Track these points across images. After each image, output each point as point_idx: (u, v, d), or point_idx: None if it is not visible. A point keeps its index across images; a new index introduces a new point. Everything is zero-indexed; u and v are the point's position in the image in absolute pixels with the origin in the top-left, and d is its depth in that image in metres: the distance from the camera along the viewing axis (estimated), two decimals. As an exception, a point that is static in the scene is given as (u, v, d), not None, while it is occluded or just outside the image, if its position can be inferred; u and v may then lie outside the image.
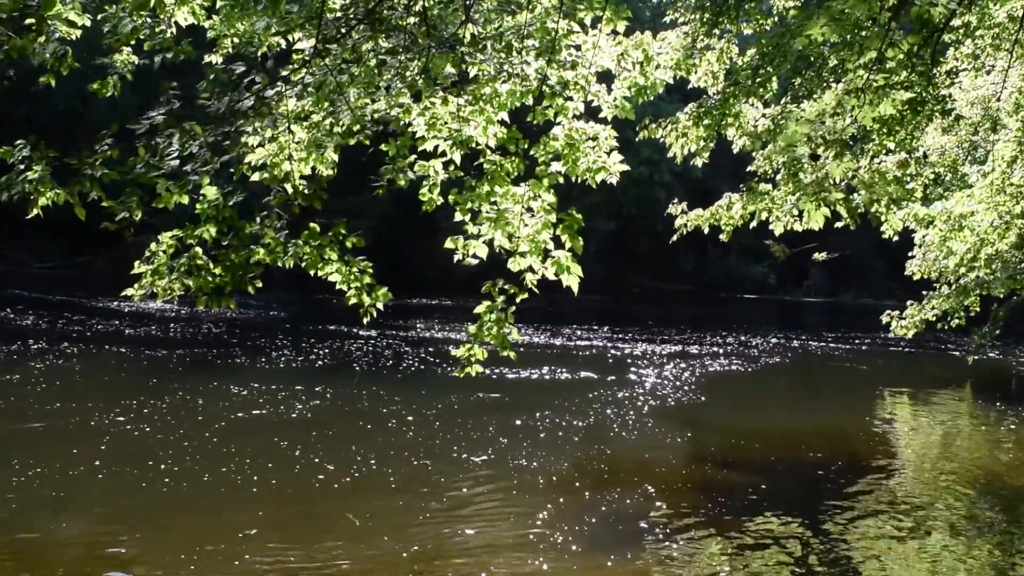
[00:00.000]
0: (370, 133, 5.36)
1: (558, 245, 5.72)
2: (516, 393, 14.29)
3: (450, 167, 5.76)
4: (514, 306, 5.80)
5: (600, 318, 31.22)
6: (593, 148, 5.96)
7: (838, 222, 8.93)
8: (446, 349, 18.64)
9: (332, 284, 5.50)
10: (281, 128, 5.21)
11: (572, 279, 5.59)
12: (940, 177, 11.81)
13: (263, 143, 5.36)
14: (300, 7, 5.36)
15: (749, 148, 8.86)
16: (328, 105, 5.26)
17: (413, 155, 5.67)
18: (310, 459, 9.33)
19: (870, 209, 8.78)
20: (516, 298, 5.73)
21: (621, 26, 6.32)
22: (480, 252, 5.74)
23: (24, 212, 4.66)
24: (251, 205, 5.02)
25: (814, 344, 25.89)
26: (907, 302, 14.57)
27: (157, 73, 6.69)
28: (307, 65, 5.17)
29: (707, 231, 9.88)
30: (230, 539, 6.75)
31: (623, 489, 8.84)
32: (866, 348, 25.42)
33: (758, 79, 8.07)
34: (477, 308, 5.81)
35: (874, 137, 7.90)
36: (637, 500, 8.53)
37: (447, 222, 7.28)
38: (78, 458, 8.79)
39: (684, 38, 8.20)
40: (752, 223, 9.43)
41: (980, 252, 12.36)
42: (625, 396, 14.49)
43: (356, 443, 10.16)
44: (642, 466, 9.92)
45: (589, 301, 36.69)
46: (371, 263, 5.53)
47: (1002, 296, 13.47)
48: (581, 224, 5.68)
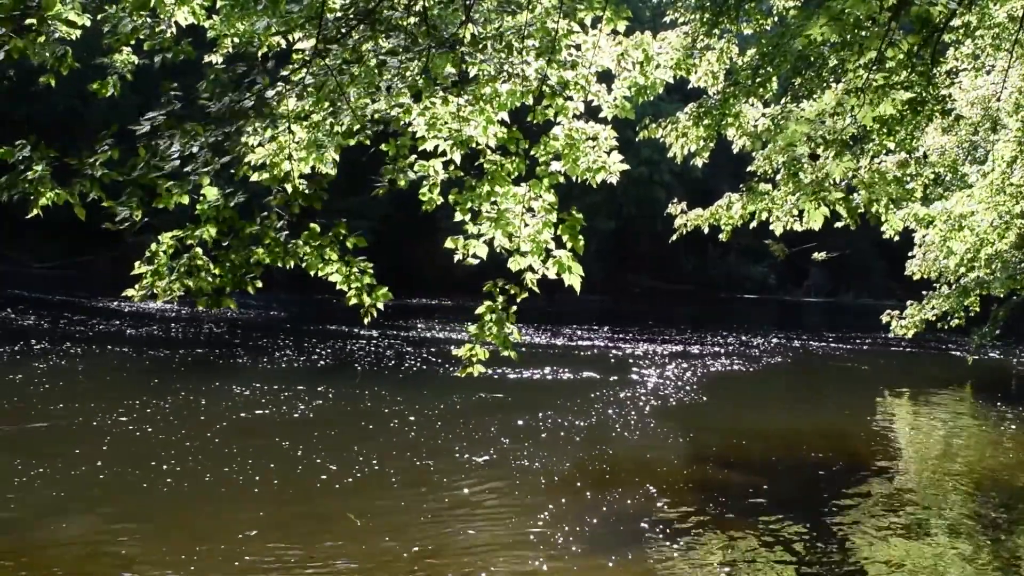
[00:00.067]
0: (370, 133, 5.37)
1: (559, 245, 5.73)
2: (517, 393, 14.29)
3: (450, 167, 5.76)
4: (515, 306, 5.80)
5: (600, 318, 31.22)
6: (593, 148, 5.96)
7: (838, 222, 8.94)
8: (447, 349, 18.63)
9: (332, 284, 5.50)
10: (281, 128, 5.21)
11: (574, 278, 5.60)
12: (940, 177, 11.81)
13: (263, 143, 5.36)
14: (300, 7, 5.36)
15: (749, 148, 8.86)
16: (328, 105, 5.26)
17: (413, 155, 5.68)
18: (311, 459, 9.33)
19: (870, 209, 8.78)
20: (517, 298, 5.73)
21: (621, 26, 6.33)
22: (480, 252, 5.74)
23: (24, 212, 4.66)
24: (252, 205, 5.02)
25: (814, 344, 25.89)
26: (907, 302, 14.58)
27: (157, 73, 6.69)
28: (307, 65, 5.17)
29: (707, 231, 9.89)
30: (231, 539, 6.75)
31: (624, 489, 8.84)
32: (866, 348, 25.42)
33: (758, 79, 8.07)
34: (478, 308, 5.82)
35: (874, 137, 7.90)
36: (638, 500, 8.53)
37: (447, 222, 7.27)
38: (80, 458, 8.79)
39: (684, 38, 8.20)
40: (752, 223, 9.43)
41: (980, 252, 12.36)
42: (626, 396, 14.49)
43: (357, 443, 10.16)
44: (643, 466, 9.92)
45: (589, 301, 36.68)
46: (371, 263, 5.53)
47: (1002, 296, 13.47)
48: (583, 224, 5.69)
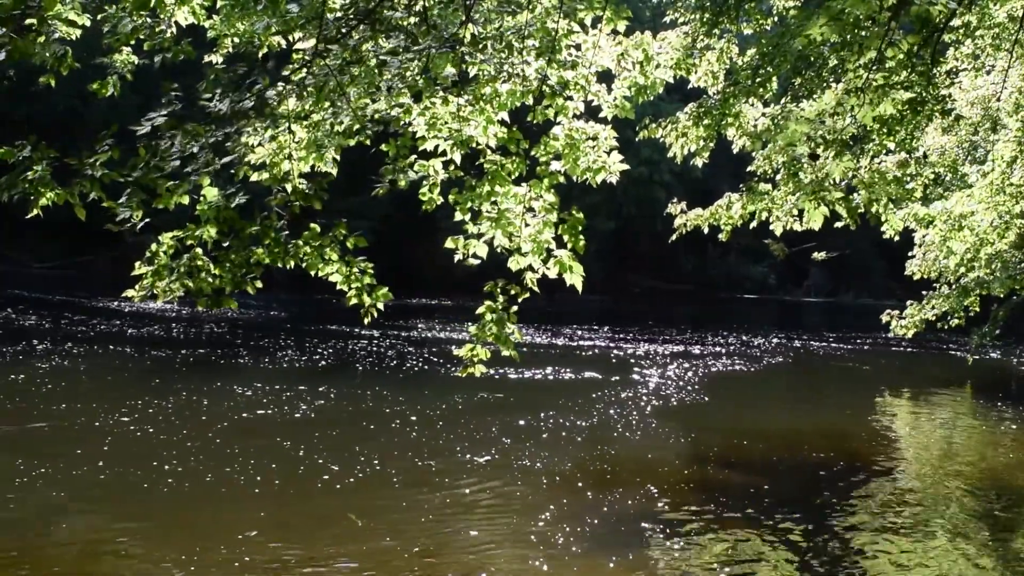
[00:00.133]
0: (371, 133, 5.37)
1: (560, 245, 5.73)
2: (518, 393, 14.29)
3: (450, 167, 5.76)
4: (516, 306, 5.80)
5: (600, 318, 31.22)
6: (593, 148, 5.96)
7: (838, 222, 8.94)
8: (447, 349, 18.63)
9: (332, 284, 5.49)
10: (281, 128, 5.21)
11: (576, 278, 5.60)
12: (940, 177, 11.81)
13: (263, 143, 5.36)
14: (300, 7, 5.37)
15: (749, 148, 8.85)
16: (328, 105, 5.26)
17: (413, 155, 5.67)
18: (312, 459, 9.33)
19: (870, 209, 8.78)
20: (518, 298, 5.73)
21: (621, 26, 6.33)
22: (480, 252, 5.74)
23: (24, 212, 4.66)
24: (252, 205, 5.02)
25: (815, 344, 25.89)
26: (907, 302, 14.57)
27: (157, 73, 6.69)
28: (308, 65, 5.17)
29: (707, 231, 9.89)
30: (232, 539, 6.75)
31: (625, 489, 8.84)
32: (866, 348, 25.42)
33: (758, 79, 8.07)
34: (479, 308, 5.82)
35: (874, 137, 7.90)
36: (639, 500, 8.53)
37: (447, 222, 7.27)
38: (81, 458, 8.79)
39: (684, 38, 8.20)
40: (752, 223, 9.43)
41: (980, 252, 12.37)
42: (627, 396, 14.49)
43: (358, 443, 10.16)
44: (644, 466, 9.92)
45: (589, 301, 36.68)
46: (371, 263, 5.53)
47: (1002, 296, 13.47)
48: (584, 224, 5.69)
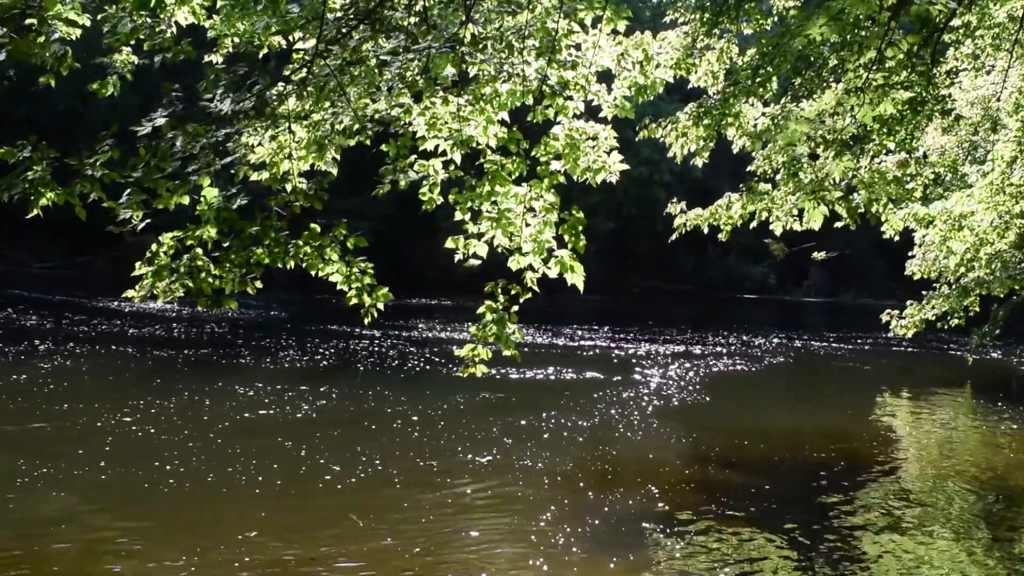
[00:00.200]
0: (371, 133, 5.37)
1: (561, 245, 5.73)
2: (520, 393, 14.29)
3: (450, 167, 5.76)
4: (517, 306, 5.80)
5: (600, 318, 31.22)
6: (593, 148, 5.96)
7: (838, 222, 8.95)
8: (448, 349, 18.63)
9: (332, 284, 5.50)
10: (282, 128, 5.21)
11: (577, 278, 5.60)
12: (940, 177, 11.82)
13: (263, 143, 5.36)
14: (301, 7, 5.37)
15: (749, 148, 8.86)
16: (329, 105, 5.27)
17: (413, 155, 5.68)
18: (314, 459, 9.32)
19: (869, 209, 8.79)
20: (520, 298, 5.73)
21: (621, 26, 6.33)
22: (480, 252, 5.74)
23: (24, 212, 4.66)
24: (252, 206, 5.02)
25: (815, 344, 25.90)
26: (907, 302, 14.57)
27: (157, 73, 6.70)
28: (308, 66, 5.17)
29: (706, 231, 9.89)
30: (233, 539, 6.75)
31: (626, 489, 8.84)
32: (866, 348, 25.43)
33: (758, 79, 8.07)
34: (480, 308, 5.82)
35: (874, 137, 7.90)
36: (640, 500, 8.53)
37: (447, 222, 7.27)
38: (83, 458, 8.79)
39: (684, 38, 8.20)
40: (752, 223, 9.43)
41: (980, 252, 12.37)
42: (628, 396, 14.49)
43: (360, 443, 10.15)
44: (645, 466, 9.93)
45: (589, 301, 36.69)
46: (372, 263, 5.53)
47: (1002, 296, 13.47)
48: (584, 224, 5.69)
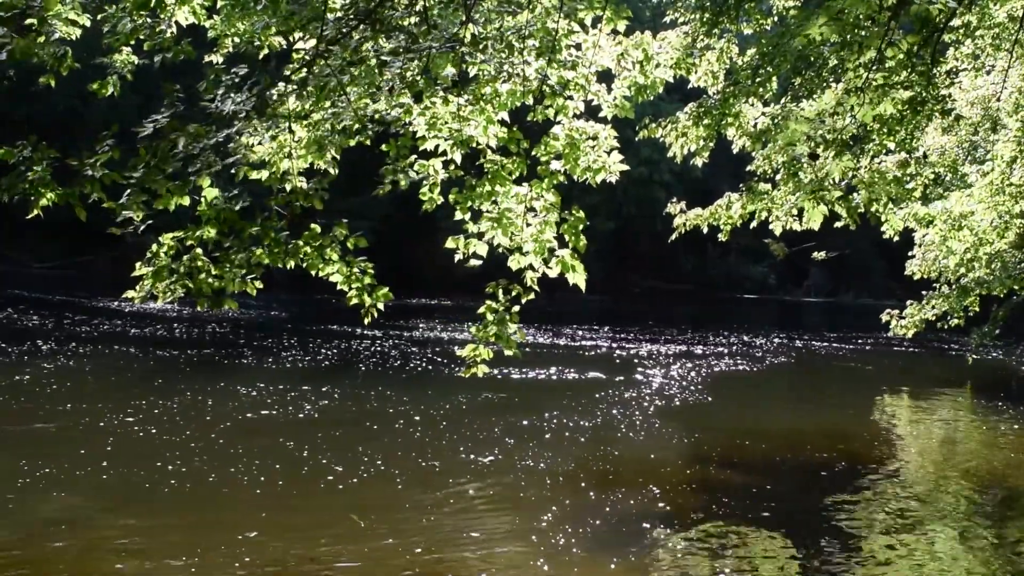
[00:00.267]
0: (371, 133, 5.37)
1: (561, 244, 5.73)
2: (521, 393, 14.28)
3: (450, 167, 5.76)
4: (518, 306, 5.80)
5: (601, 318, 31.22)
6: (593, 147, 5.97)
7: (838, 222, 8.95)
8: (449, 349, 18.63)
9: (332, 284, 5.50)
10: (282, 128, 5.21)
11: (579, 277, 5.60)
12: (940, 177, 11.82)
13: (263, 142, 5.36)
14: (300, 7, 5.37)
15: (749, 148, 8.86)
16: (329, 105, 5.27)
17: (413, 155, 5.68)
18: (316, 459, 9.32)
19: (869, 209, 8.79)
20: (521, 299, 5.73)
21: (621, 26, 6.33)
22: (481, 251, 5.74)
23: (24, 212, 4.66)
24: (253, 206, 5.02)
25: (815, 344, 25.90)
26: (907, 302, 14.57)
27: (157, 73, 6.70)
28: (308, 66, 5.17)
29: (706, 231, 9.89)
30: (234, 539, 6.75)
31: (627, 489, 8.84)
32: (867, 348, 25.43)
33: (758, 79, 8.08)
34: (481, 308, 5.82)
35: (874, 137, 7.91)
36: (641, 500, 8.53)
37: (447, 222, 7.28)
38: (84, 458, 8.79)
39: (684, 38, 8.20)
40: (752, 223, 9.44)
41: (979, 252, 12.37)
42: (629, 396, 14.49)
43: (361, 443, 10.15)
44: (646, 466, 9.93)
45: (589, 301, 36.67)
46: (372, 263, 5.53)
47: (1002, 296, 13.47)
48: (585, 223, 5.69)
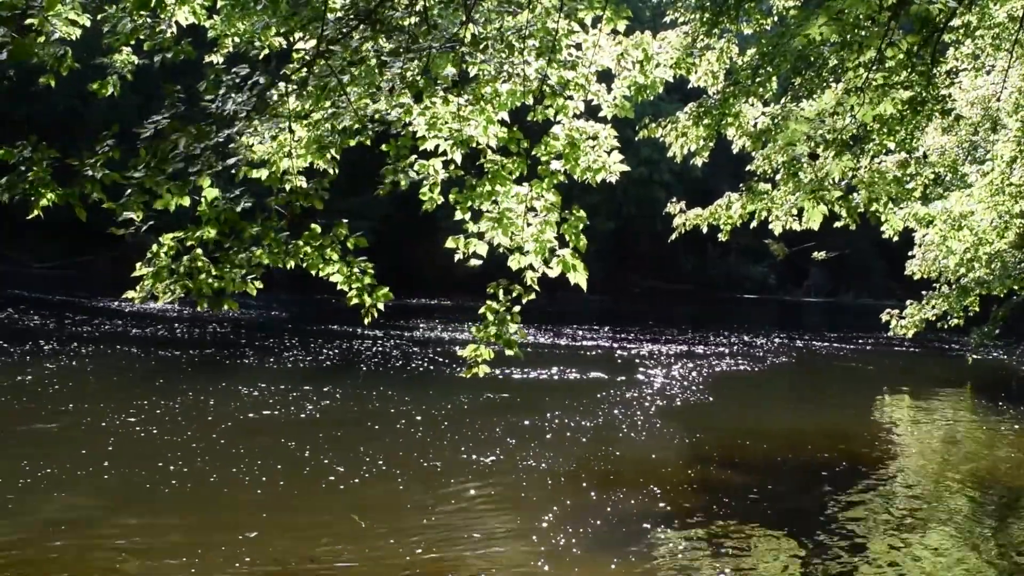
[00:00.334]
0: (371, 134, 5.37)
1: (562, 244, 5.73)
2: (522, 393, 14.28)
3: (450, 167, 5.76)
4: (519, 306, 5.80)
5: (601, 318, 31.22)
6: (593, 147, 5.97)
7: (838, 222, 8.95)
8: (450, 349, 18.63)
9: (332, 284, 5.49)
10: (283, 127, 5.21)
11: (580, 277, 5.60)
12: (940, 177, 11.82)
13: (264, 141, 5.36)
14: (300, 7, 5.37)
15: (749, 148, 8.86)
16: (329, 105, 5.27)
17: (413, 155, 5.68)
18: (317, 459, 9.32)
19: (869, 209, 8.79)
20: (522, 299, 5.73)
21: (621, 25, 6.33)
22: (481, 251, 5.74)
23: (24, 212, 4.66)
24: (253, 206, 5.02)
25: (816, 344, 25.90)
26: (907, 302, 14.57)
27: (157, 73, 6.70)
28: (309, 65, 5.17)
29: (706, 231, 9.89)
30: (234, 539, 6.75)
31: (628, 489, 8.84)
32: (867, 348, 25.43)
33: (758, 79, 8.08)
34: (481, 309, 5.82)
35: (874, 137, 7.91)
36: (642, 500, 8.53)
37: (447, 222, 7.27)
38: (86, 458, 8.79)
39: (684, 38, 8.20)
40: (752, 223, 9.44)
41: (979, 252, 12.37)
42: (630, 396, 14.49)
43: (363, 443, 10.15)
44: (647, 466, 9.93)
45: (589, 301, 36.68)
46: (372, 263, 5.53)
47: (1002, 296, 13.47)
48: (586, 223, 5.69)
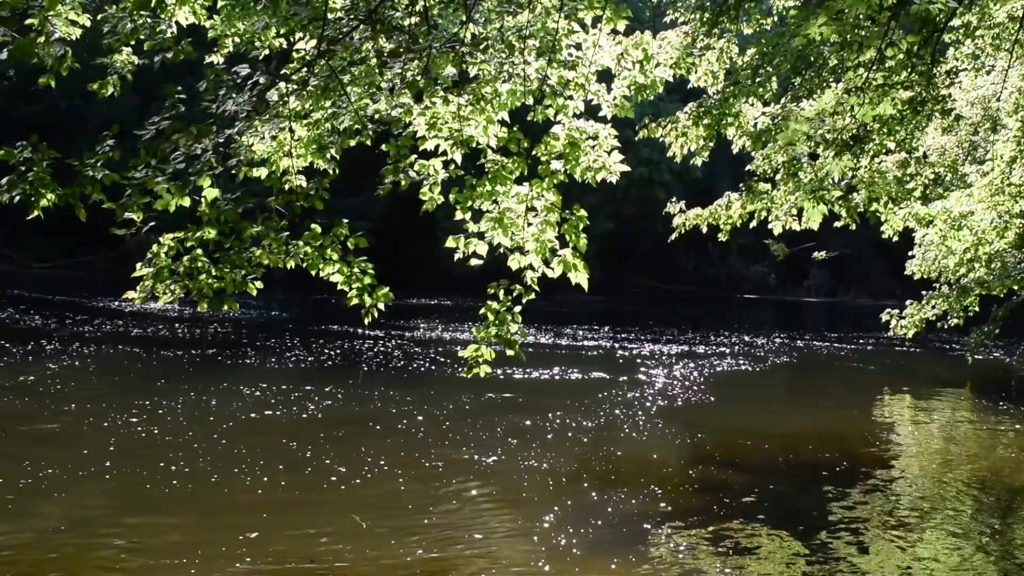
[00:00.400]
0: (371, 134, 5.37)
1: (562, 244, 5.73)
2: (523, 393, 14.28)
3: (450, 166, 5.76)
4: (520, 306, 5.80)
5: (601, 318, 31.19)
6: (594, 147, 5.97)
7: (838, 222, 8.96)
8: (450, 349, 18.63)
9: (332, 284, 5.49)
10: (283, 127, 5.21)
11: (582, 276, 5.60)
12: (940, 177, 11.82)
13: (264, 139, 5.36)
14: (301, 7, 5.37)
15: (749, 148, 8.86)
16: (329, 105, 5.27)
17: (413, 155, 5.68)
18: (318, 459, 9.32)
19: (869, 209, 8.79)
20: (523, 299, 5.73)
21: (621, 25, 6.33)
22: (481, 250, 5.74)
23: (24, 212, 4.66)
24: (253, 206, 5.02)
25: (816, 344, 25.89)
26: (907, 302, 14.57)
27: (157, 73, 6.69)
28: (309, 65, 5.17)
29: (706, 231, 9.90)
30: (234, 540, 6.75)
31: (629, 489, 8.84)
32: (867, 348, 25.42)
33: (758, 79, 8.08)
34: (482, 309, 5.82)
35: (874, 136, 7.91)
36: (642, 500, 8.53)
37: (447, 222, 7.28)
38: (87, 458, 8.80)
39: (684, 37, 8.20)
40: (752, 223, 9.44)
41: (979, 252, 12.36)
42: (630, 396, 14.49)
43: (363, 444, 10.15)
44: (648, 467, 9.93)
45: (589, 301, 36.62)
46: (372, 263, 5.53)
47: (1002, 296, 13.46)
48: (586, 222, 5.69)
